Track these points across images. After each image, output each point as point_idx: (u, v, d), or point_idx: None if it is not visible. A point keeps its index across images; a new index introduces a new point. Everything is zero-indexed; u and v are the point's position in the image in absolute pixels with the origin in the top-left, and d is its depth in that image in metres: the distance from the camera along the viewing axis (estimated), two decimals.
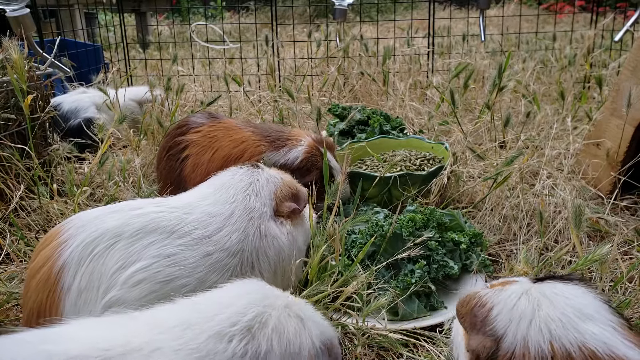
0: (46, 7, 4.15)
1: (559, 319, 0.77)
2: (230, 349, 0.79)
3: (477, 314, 0.85)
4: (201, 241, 1.20)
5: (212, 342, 0.79)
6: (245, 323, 0.82)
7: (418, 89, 3.30)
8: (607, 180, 1.95)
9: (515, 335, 0.78)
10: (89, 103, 2.67)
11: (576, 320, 0.77)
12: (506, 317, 0.81)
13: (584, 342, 0.74)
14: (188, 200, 1.29)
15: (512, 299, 0.83)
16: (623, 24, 3.33)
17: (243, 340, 0.80)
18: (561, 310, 0.79)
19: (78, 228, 1.16)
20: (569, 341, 0.74)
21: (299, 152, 1.81)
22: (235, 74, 3.38)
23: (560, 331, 0.76)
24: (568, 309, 0.79)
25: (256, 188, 1.34)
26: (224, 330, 0.81)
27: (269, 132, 1.88)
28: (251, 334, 0.82)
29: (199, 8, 7.73)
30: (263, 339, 0.82)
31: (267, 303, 0.87)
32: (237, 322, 0.82)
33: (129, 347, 0.75)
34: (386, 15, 6.91)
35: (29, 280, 1.15)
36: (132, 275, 1.11)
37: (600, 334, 0.75)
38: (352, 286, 1.30)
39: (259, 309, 0.85)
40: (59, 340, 0.75)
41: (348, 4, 3.57)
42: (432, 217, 1.55)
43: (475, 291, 0.91)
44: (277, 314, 0.86)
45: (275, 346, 0.82)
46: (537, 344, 0.75)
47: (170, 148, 1.91)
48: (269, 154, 1.80)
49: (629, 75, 1.93)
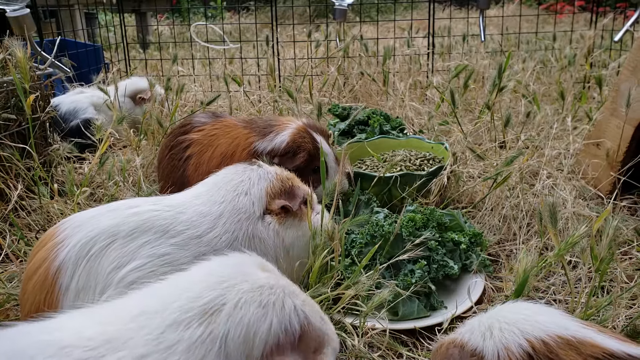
0: (46, 7, 4.15)
1: (522, 318, 0.85)
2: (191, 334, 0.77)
3: (452, 351, 0.90)
4: (192, 241, 1.19)
5: (171, 330, 0.78)
6: (199, 308, 0.80)
7: (418, 89, 3.30)
8: (607, 180, 1.95)
9: (495, 344, 0.84)
10: (87, 104, 2.67)
11: (535, 316, 0.86)
12: (478, 335, 0.87)
13: (549, 330, 0.82)
14: (183, 200, 1.28)
15: (476, 322, 0.91)
16: (623, 24, 3.33)
17: (202, 324, 0.78)
18: (521, 312, 0.88)
19: (74, 228, 1.16)
20: (537, 332, 0.82)
21: (285, 136, 1.76)
22: (235, 74, 3.38)
23: (528, 327, 0.83)
24: (525, 311, 0.88)
25: (246, 187, 1.30)
26: (179, 318, 0.79)
27: (259, 122, 1.85)
28: (208, 317, 0.79)
29: (199, 8, 7.73)
30: (219, 323, 0.79)
31: (227, 285, 0.83)
32: (191, 307, 0.80)
33: (106, 336, 0.76)
34: (386, 15, 6.91)
35: (26, 281, 1.15)
36: (126, 274, 1.11)
37: (559, 321, 0.84)
38: (353, 289, 1.30)
39: (215, 292, 0.82)
40: (52, 331, 0.78)
41: (348, 4, 3.57)
42: (432, 217, 1.55)
43: (439, 341, 0.97)
44: (235, 297, 0.81)
45: (232, 331, 0.78)
46: (515, 343, 0.82)
47: (172, 147, 1.91)
48: (257, 143, 1.76)
49: (628, 75, 1.93)
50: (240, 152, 1.77)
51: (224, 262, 0.90)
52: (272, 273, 0.91)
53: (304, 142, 1.76)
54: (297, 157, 1.74)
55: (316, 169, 1.80)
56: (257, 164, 1.39)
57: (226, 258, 0.91)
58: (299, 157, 1.74)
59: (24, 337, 0.77)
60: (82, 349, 0.74)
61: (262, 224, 1.29)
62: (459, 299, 1.43)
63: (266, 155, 1.74)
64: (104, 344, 0.75)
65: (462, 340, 0.90)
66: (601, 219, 1.25)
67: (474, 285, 1.48)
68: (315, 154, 1.78)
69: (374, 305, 1.25)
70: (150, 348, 0.76)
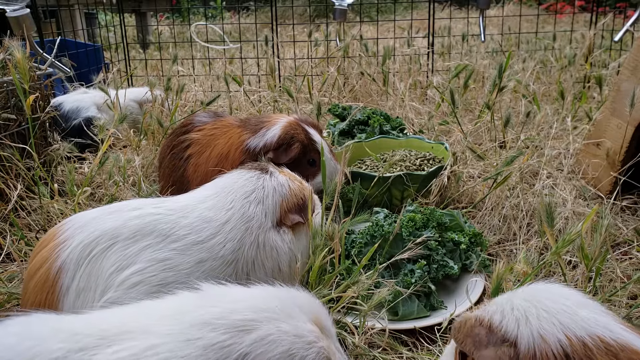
0: (46, 7, 4.15)
1: (563, 309, 0.77)
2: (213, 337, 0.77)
3: (479, 331, 0.81)
4: (194, 247, 1.18)
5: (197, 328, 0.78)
6: (232, 320, 0.79)
7: (418, 89, 3.30)
8: (607, 180, 1.95)
9: (531, 333, 0.76)
10: (90, 103, 2.68)
11: (578, 309, 0.77)
12: (512, 319, 0.79)
13: (591, 330, 0.74)
14: (186, 203, 1.27)
15: (507, 303, 0.82)
16: (623, 24, 3.33)
17: (228, 333, 0.78)
18: (561, 302, 0.79)
19: (76, 229, 1.16)
20: (579, 329, 0.75)
21: (276, 130, 1.76)
22: (235, 74, 3.38)
23: (569, 321, 0.76)
24: (565, 300, 0.79)
25: (259, 196, 1.29)
26: (212, 320, 0.79)
27: (252, 120, 1.86)
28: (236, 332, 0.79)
29: (199, 8, 7.73)
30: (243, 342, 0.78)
31: (267, 316, 0.82)
32: (226, 317, 0.80)
33: (123, 328, 0.77)
34: (386, 15, 6.91)
35: (28, 281, 1.15)
36: (127, 277, 1.11)
37: (602, 320, 0.76)
38: (353, 290, 1.29)
39: (254, 315, 0.81)
40: (63, 319, 0.80)
41: (348, 4, 3.57)
42: (432, 217, 1.55)
43: (465, 315, 0.88)
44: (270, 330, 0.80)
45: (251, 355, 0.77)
46: (553, 336, 0.74)
47: (174, 147, 1.91)
48: (249, 140, 1.76)
49: (628, 75, 1.93)
50: (234, 151, 1.78)
51: (278, 293, 0.89)
52: (319, 330, 0.87)
53: (296, 133, 1.76)
54: (291, 148, 1.74)
55: (312, 161, 1.80)
56: (270, 171, 1.37)
57: (285, 290, 0.90)
58: (293, 149, 1.74)
59: (37, 321, 0.79)
60: (94, 338, 0.75)
61: (276, 234, 1.29)
62: (459, 299, 1.44)
63: (259, 151, 1.74)
64: (119, 335, 0.76)
65: (490, 320, 0.81)
66: (589, 218, 1.25)
67: (474, 285, 1.48)
68: (308, 145, 1.78)
69: (373, 304, 1.25)
70: (168, 339, 0.76)
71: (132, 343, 0.75)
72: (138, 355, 0.73)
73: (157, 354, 0.74)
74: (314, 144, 1.80)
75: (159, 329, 0.77)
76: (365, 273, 1.36)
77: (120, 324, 0.78)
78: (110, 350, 0.74)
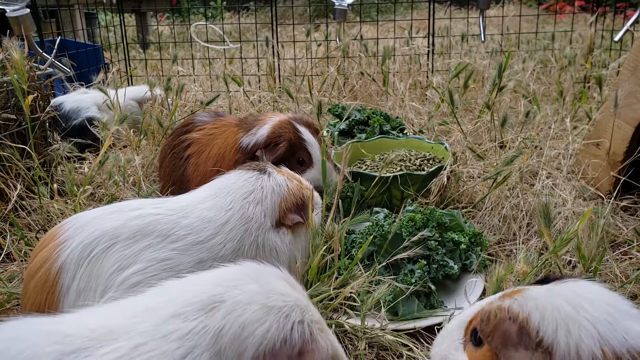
0: (46, 7, 4.15)
1: (605, 319, 0.71)
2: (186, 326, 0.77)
3: (510, 327, 0.75)
4: (194, 247, 1.18)
5: (170, 322, 0.78)
6: (200, 302, 0.79)
7: (418, 89, 3.30)
8: (607, 180, 1.95)
9: (568, 342, 0.70)
10: (90, 103, 2.68)
11: (621, 319, 0.71)
12: (552, 323, 0.72)
13: (631, 344, 0.69)
14: (186, 203, 1.27)
15: (547, 302, 0.75)
16: (623, 24, 3.33)
17: (199, 317, 0.78)
18: (605, 309, 0.72)
19: (76, 229, 1.16)
20: (618, 343, 0.69)
21: (266, 128, 1.78)
22: (235, 74, 3.38)
23: (608, 333, 0.70)
24: (609, 308, 0.73)
25: (258, 197, 1.29)
26: (180, 309, 0.79)
27: (249, 119, 1.88)
28: (206, 312, 0.78)
29: (199, 8, 7.73)
30: (216, 318, 0.78)
31: (234, 284, 0.81)
32: (194, 301, 0.80)
33: (109, 328, 0.77)
34: (386, 15, 6.91)
35: (28, 281, 1.15)
36: (128, 277, 1.11)
37: None
38: (351, 286, 1.30)
39: (219, 289, 0.81)
40: (53, 321, 0.80)
41: (348, 4, 3.58)
42: (432, 217, 1.55)
43: (495, 305, 0.81)
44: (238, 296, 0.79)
45: (226, 327, 0.77)
46: (589, 350, 0.69)
47: (175, 146, 1.92)
48: (243, 139, 1.78)
49: (628, 75, 1.93)
50: (230, 150, 1.79)
51: (243, 267, 0.88)
52: (292, 286, 0.87)
53: (283, 132, 1.78)
54: (278, 146, 1.75)
55: (301, 159, 1.81)
56: (268, 172, 1.37)
57: (249, 263, 0.89)
58: (280, 147, 1.75)
59: (28, 325, 0.79)
60: (83, 339, 0.75)
61: (275, 234, 1.29)
62: (459, 299, 1.44)
63: (250, 149, 1.75)
64: (105, 335, 0.76)
65: (526, 320, 0.75)
66: (585, 218, 1.25)
67: (474, 285, 1.48)
68: (297, 143, 1.79)
69: (373, 301, 1.25)
70: (147, 337, 0.76)
71: (118, 344, 0.75)
72: (129, 355, 0.74)
73: (143, 353, 0.74)
74: (302, 143, 1.79)
75: (137, 327, 0.78)
76: (365, 273, 1.37)
77: (106, 323, 0.79)
78: (100, 352, 0.74)
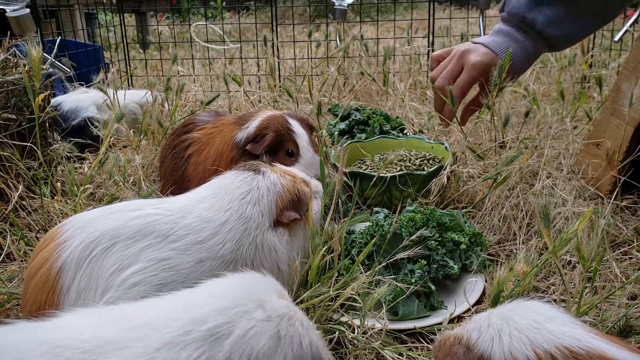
0: (46, 7, 4.15)
1: (532, 325, 0.81)
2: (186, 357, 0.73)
3: (457, 349, 0.84)
4: (193, 247, 1.19)
5: (167, 349, 0.74)
6: (202, 332, 0.75)
7: (418, 89, 3.30)
8: (607, 180, 1.95)
9: (502, 350, 0.80)
10: (89, 103, 2.68)
11: (546, 323, 0.81)
12: (487, 337, 0.82)
13: (559, 342, 0.78)
14: (185, 203, 1.27)
15: (484, 321, 0.85)
16: (623, 24, 3.33)
17: (201, 347, 0.74)
18: (531, 317, 0.82)
19: (77, 229, 1.16)
20: (547, 343, 0.78)
21: (256, 122, 1.79)
22: (235, 74, 3.38)
23: (538, 336, 0.79)
24: (535, 315, 0.83)
25: (255, 197, 1.29)
26: (177, 339, 0.75)
27: (245, 116, 1.89)
28: (210, 343, 0.74)
29: (199, 8, 7.73)
30: (222, 350, 0.74)
31: (237, 312, 0.77)
32: (192, 330, 0.75)
33: (102, 341, 0.74)
34: (386, 15, 6.91)
35: (28, 281, 1.15)
36: (128, 277, 1.11)
37: (570, 331, 0.79)
38: (351, 287, 1.30)
39: (223, 318, 0.76)
40: (47, 330, 0.77)
41: (348, 4, 3.58)
42: (432, 217, 1.55)
43: (444, 335, 0.91)
44: (247, 326, 0.76)
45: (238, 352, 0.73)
46: (522, 354, 0.78)
47: (175, 146, 1.92)
48: (236, 135, 1.79)
49: (628, 75, 1.93)
50: (227, 147, 1.80)
51: (234, 284, 0.85)
52: (289, 302, 0.85)
53: (271, 123, 1.78)
54: (265, 137, 1.75)
55: (290, 151, 1.81)
56: (262, 171, 1.37)
57: (238, 278, 0.86)
58: (267, 138, 1.75)
59: (17, 334, 0.77)
60: (74, 351, 0.73)
61: (273, 234, 1.29)
62: (459, 299, 1.44)
63: (243, 144, 1.76)
64: (98, 348, 0.74)
65: (468, 339, 0.85)
66: (585, 218, 1.25)
67: (474, 286, 1.48)
68: (284, 134, 1.79)
69: (373, 301, 1.24)
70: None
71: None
72: None
73: None
74: (291, 134, 1.79)
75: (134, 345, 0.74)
76: (365, 273, 1.36)
77: (99, 334, 0.75)
78: None
